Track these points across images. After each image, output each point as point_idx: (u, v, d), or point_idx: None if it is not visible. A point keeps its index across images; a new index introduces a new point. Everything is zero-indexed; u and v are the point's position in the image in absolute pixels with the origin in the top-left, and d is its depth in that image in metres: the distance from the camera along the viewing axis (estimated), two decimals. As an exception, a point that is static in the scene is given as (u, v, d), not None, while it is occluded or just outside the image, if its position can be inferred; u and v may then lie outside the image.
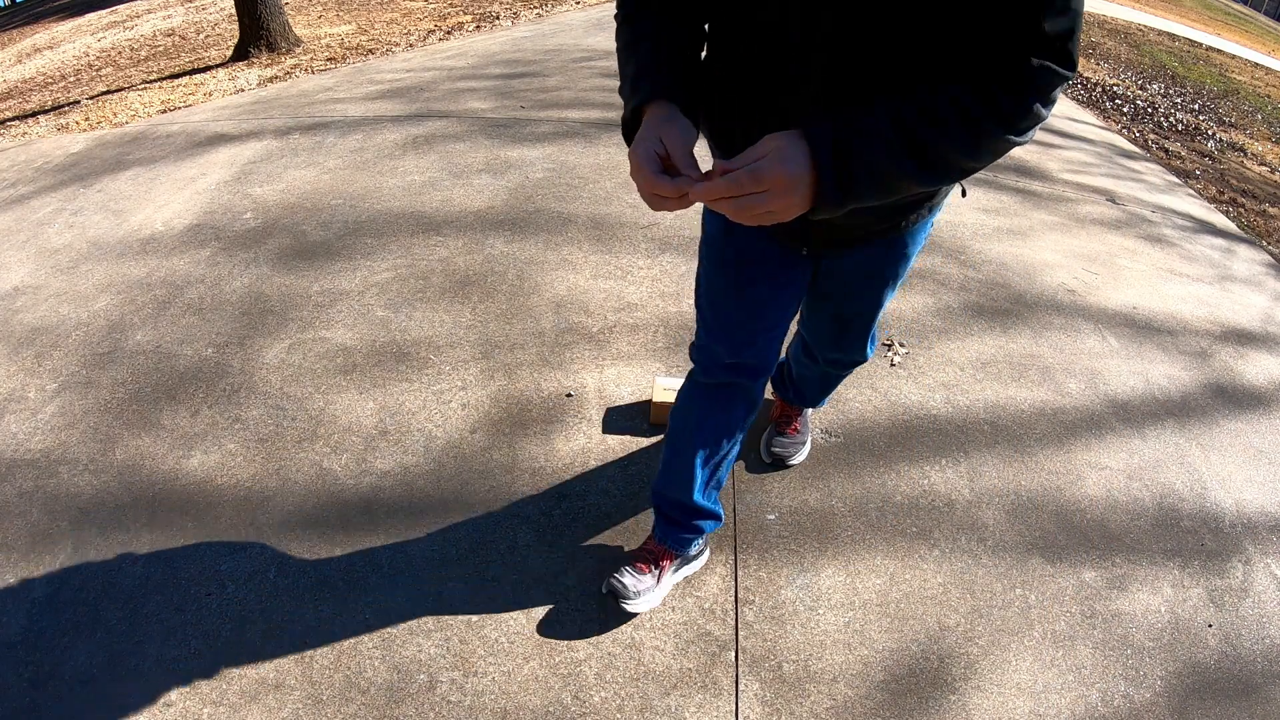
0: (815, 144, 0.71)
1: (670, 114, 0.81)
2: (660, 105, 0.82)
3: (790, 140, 0.72)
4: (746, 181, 0.70)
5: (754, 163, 0.71)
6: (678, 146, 0.77)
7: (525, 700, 1.35)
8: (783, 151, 0.71)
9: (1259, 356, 2.37)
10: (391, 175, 3.17)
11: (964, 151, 0.76)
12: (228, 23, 6.78)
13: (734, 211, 0.72)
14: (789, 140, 0.72)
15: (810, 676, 1.39)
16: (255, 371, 2.11)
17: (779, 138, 0.72)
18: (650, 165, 0.76)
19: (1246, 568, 1.65)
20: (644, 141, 0.78)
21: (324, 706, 1.34)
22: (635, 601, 1.43)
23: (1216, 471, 1.89)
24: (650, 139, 0.78)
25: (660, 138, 0.78)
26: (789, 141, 0.72)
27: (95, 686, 1.39)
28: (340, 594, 1.53)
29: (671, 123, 0.79)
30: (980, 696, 1.37)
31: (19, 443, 1.92)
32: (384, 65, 4.90)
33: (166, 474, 1.81)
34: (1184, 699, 1.39)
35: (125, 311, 2.39)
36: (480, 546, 1.62)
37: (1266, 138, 5.60)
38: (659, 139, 0.78)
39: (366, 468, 1.80)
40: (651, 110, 0.82)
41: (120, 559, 1.61)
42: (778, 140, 0.72)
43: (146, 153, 3.59)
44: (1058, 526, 1.70)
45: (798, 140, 0.72)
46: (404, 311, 2.33)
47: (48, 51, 7.74)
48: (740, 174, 0.70)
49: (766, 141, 0.72)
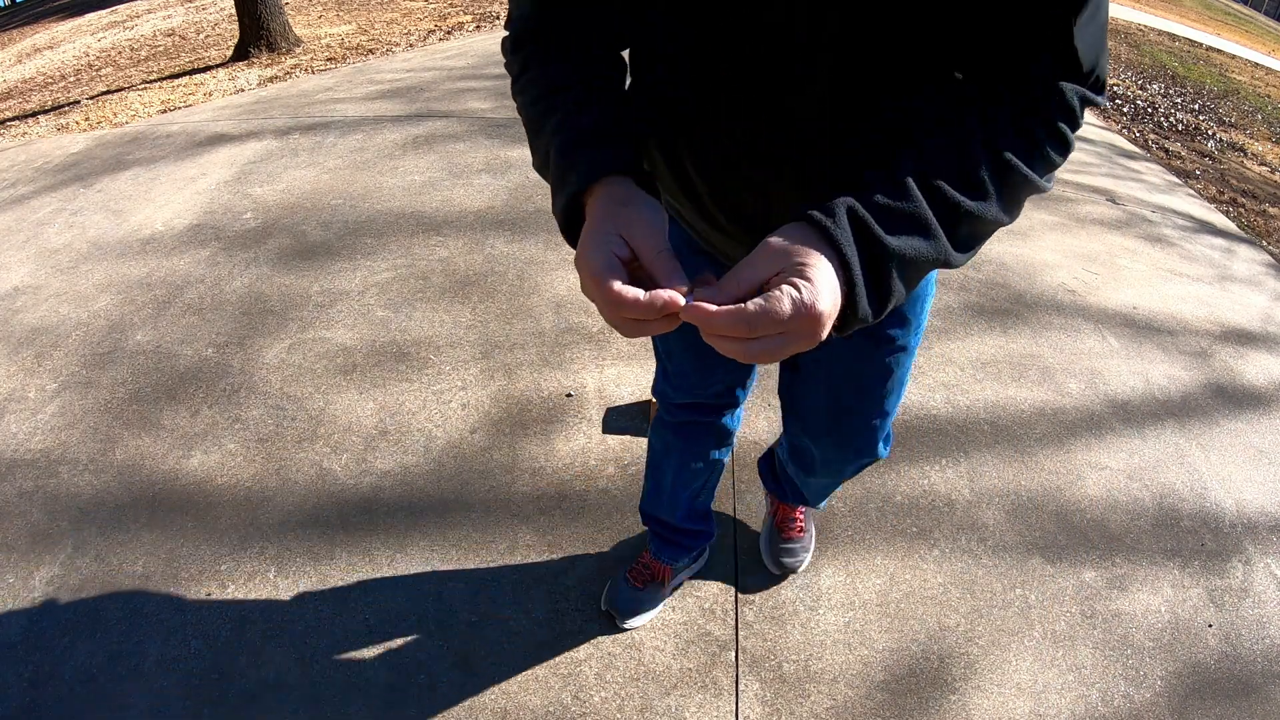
0: (844, 257, 0.52)
1: (627, 194, 0.58)
2: (611, 184, 0.59)
3: (812, 260, 0.51)
4: (762, 322, 0.48)
5: (771, 301, 0.49)
6: (650, 243, 0.54)
7: (525, 700, 1.35)
8: (809, 282, 0.49)
9: (1259, 356, 2.37)
10: (391, 175, 3.17)
11: (1006, 213, 0.61)
12: (228, 23, 6.78)
13: (740, 354, 0.50)
14: (810, 258, 0.51)
15: (810, 676, 1.39)
16: (255, 371, 2.11)
17: (792, 253, 0.51)
18: (615, 277, 0.52)
19: (1246, 568, 1.65)
20: (600, 244, 0.54)
21: (324, 706, 1.34)
22: (633, 619, 1.45)
23: (1216, 471, 1.89)
24: (607, 239, 0.55)
25: (622, 235, 0.55)
26: (811, 261, 0.50)
27: (95, 686, 1.39)
28: (340, 594, 1.53)
29: (633, 208, 0.57)
30: (980, 696, 1.37)
31: (19, 443, 1.92)
32: (384, 65, 4.90)
33: (166, 474, 1.81)
34: (1184, 699, 1.39)
35: (125, 311, 2.39)
36: (480, 546, 1.62)
37: (1266, 138, 5.60)
38: (619, 237, 0.55)
39: (366, 468, 1.80)
40: (600, 194, 0.59)
41: (120, 559, 1.61)
42: (794, 259, 0.51)
43: (146, 153, 3.59)
44: (1058, 526, 1.70)
45: (819, 256, 0.51)
46: (404, 311, 2.33)
47: (48, 51, 7.74)
48: (756, 315, 0.48)
49: (773, 255, 0.52)
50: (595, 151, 0.61)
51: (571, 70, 0.69)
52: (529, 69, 0.71)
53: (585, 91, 0.67)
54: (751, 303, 0.48)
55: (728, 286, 0.51)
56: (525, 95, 0.70)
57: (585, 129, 0.63)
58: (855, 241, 0.53)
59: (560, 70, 0.69)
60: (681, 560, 1.49)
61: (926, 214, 0.56)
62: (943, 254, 0.57)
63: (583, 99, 0.66)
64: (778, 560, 1.54)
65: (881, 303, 0.55)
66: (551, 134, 0.65)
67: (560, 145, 0.63)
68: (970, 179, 0.58)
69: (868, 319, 0.54)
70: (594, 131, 0.63)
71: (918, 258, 0.55)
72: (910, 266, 0.55)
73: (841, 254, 0.52)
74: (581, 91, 0.67)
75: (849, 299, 0.52)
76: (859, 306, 0.53)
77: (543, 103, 0.68)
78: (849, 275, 0.52)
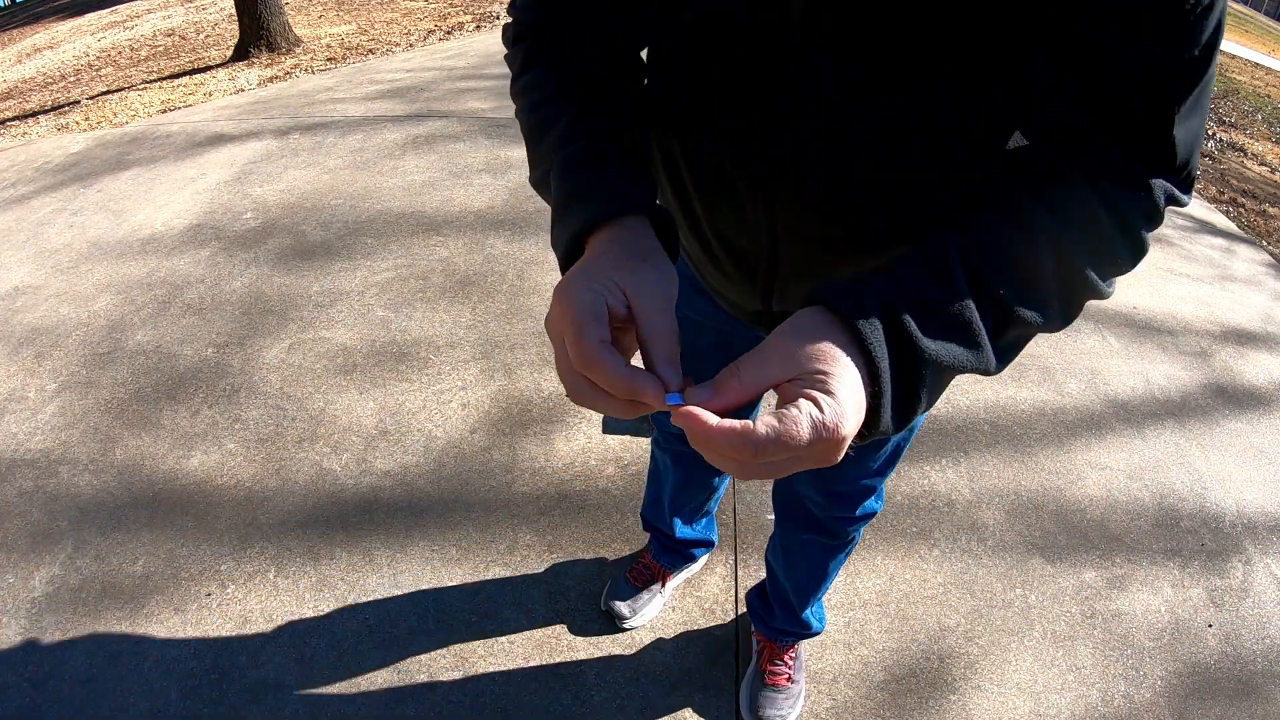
0: (874, 365, 0.42)
1: (644, 245, 0.48)
2: (627, 228, 0.49)
3: (836, 369, 0.41)
4: (772, 448, 0.39)
5: (786, 423, 0.39)
6: (654, 315, 0.44)
7: (525, 700, 1.35)
8: (832, 398, 0.40)
9: (1259, 356, 2.37)
10: (391, 175, 3.17)
11: (1061, 321, 0.50)
12: (228, 23, 6.78)
13: (737, 472, 0.42)
14: (833, 367, 0.41)
15: (810, 676, 1.39)
16: (255, 371, 2.11)
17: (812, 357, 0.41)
18: (598, 329, 0.43)
19: (1246, 568, 1.65)
20: (593, 285, 0.44)
21: (324, 706, 1.34)
22: (632, 619, 1.45)
23: (1216, 471, 1.89)
24: (605, 284, 0.45)
25: (625, 290, 0.45)
26: (834, 371, 0.41)
27: (95, 686, 1.39)
28: (340, 594, 1.53)
29: (648, 268, 0.47)
30: (980, 696, 1.37)
31: (19, 443, 1.92)
32: (384, 65, 4.90)
33: (166, 474, 1.81)
34: (1184, 699, 1.39)
35: (125, 311, 2.39)
36: (480, 546, 1.62)
37: (1266, 138, 5.60)
38: (621, 290, 0.45)
39: (366, 468, 1.80)
40: (610, 235, 0.49)
41: (120, 559, 1.61)
42: (813, 364, 0.41)
43: (146, 153, 3.59)
44: (1058, 526, 1.70)
45: (844, 363, 0.41)
46: (404, 311, 2.33)
47: (48, 51, 7.74)
48: (766, 440, 0.39)
49: (788, 357, 0.41)
50: (608, 181, 0.52)
51: (579, 72, 0.61)
52: (531, 67, 0.63)
53: (594, 101, 0.58)
54: (762, 423, 0.39)
55: (728, 387, 0.41)
56: (525, 97, 0.62)
57: (594, 151, 0.53)
58: (888, 342, 0.43)
59: (566, 72, 0.61)
60: (681, 565, 1.50)
61: (973, 317, 0.45)
62: (983, 364, 0.46)
63: (590, 109, 0.57)
64: (757, 713, 1.30)
65: (907, 416, 0.45)
66: (555, 147, 0.56)
67: (565, 164, 0.54)
68: (1030, 279, 0.47)
69: (888, 432, 0.45)
70: (601, 155, 0.53)
71: (954, 366, 0.45)
72: (944, 375, 0.45)
73: (871, 361, 0.42)
74: (588, 100, 0.58)
75: (872, 410, 0.43)
76: (881, 420, 0.43)
77: (545, 109, 0.59)
78: (877, 386, 0.42)
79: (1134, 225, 0.50)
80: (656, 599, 1.47)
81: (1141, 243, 0.51)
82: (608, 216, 0.50)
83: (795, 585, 1.24)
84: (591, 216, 0.50)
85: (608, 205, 0.50)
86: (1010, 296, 0.46)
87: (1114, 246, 0.50)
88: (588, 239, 0.50)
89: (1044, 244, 0.48)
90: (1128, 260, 0.51)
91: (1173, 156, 0.49)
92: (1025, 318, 0.47)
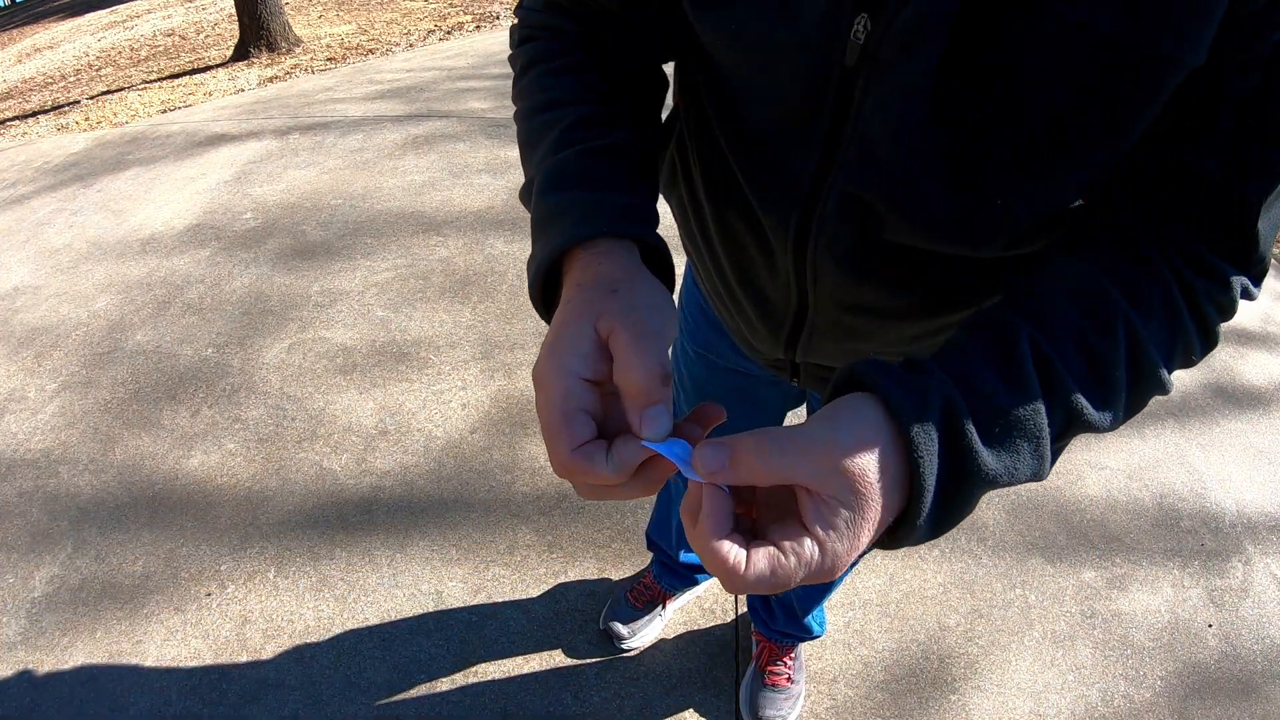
0: (920, 482, 0.35)
1: (624, 271, 0.41)
2: (605, 252, 0.42)
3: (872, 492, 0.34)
4: (760, 585, 0.34)
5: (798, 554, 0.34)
6: (639, 367, 0.36)
7: (525, 700, 1.35)
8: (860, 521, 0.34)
9: (1259, 356, 2.37)
10: (391, 175, 3.17)
11: (1120, 421, 0.43)
12: (228, 23, 6.78)
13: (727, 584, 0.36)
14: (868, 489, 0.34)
15: (810, 676, 1.39)
16: (255, 371, 2.11)
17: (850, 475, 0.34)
18: (566, 437, 0.36)
19: (1246, 568, 1.65)
20: (560, 367, 0.37)
21: (324, 706, 1.34)
22: (630, 640, 1.43)
23: (1216, 471, 1.89)
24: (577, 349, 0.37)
25: (601, 333, 0.38)
26: (868, 494, 0.34)
27: (95, 686, 1.39)
28: (340, 594, 1.53)
29: (628, 298, 0.39)
30: (980, 696, 1.37)
31: (19, 443, 1.92)
32: (384, 65, 4.90)
33: (166, 474, 1.81)
34: (1184, 699, 1.39)
35: (125, 311, 2.39)
36: (480, 546, 1.62)
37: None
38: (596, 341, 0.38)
39: (366, 468, 1.80)
40: (586, 262, 0.42)
41: (120, 559, 1.61)
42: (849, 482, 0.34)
43: (146, 153, 3.59)
44: (1058, 526, 1.70)
45: (879, 485, 0.34)
46: (404, 311, 2.33)
47: (48, 51, 7.74)
48: (756, 579, 0.34)
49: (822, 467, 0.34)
50: (590, 194, 0.44)
51: (584, 78, 0.53)
52: (533, 67, 0.56)
53: (599, 110, 0.50)
54: (761, 555, 0.34)
55: (744, 464, 0.35)
56: (524, 101, 0.56)
57: (583, 164, 0.46)
58: (940, 452, 0.35)
59: (569, 77, 0.53)
60: (682, 589, 1.47)
61: (1042, 424, 0.38)
62: (1039, 476, 0.39)
63: (593, 119, 0.49)
64: (757, 713, 1.30)
65: (938, 533, 0.38)
66: (543, 158, 0.49)
67: (547, 176, 0.46)
68: (1104, 377, 0.40)
69: (914, 544, 0.38)
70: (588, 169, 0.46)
71: (1010, 482, 0.38)
72: (991, 489, 0.37)
73: (919, 477, 0.35)
74: (592, 109, 0.50)
75: (900, 522, 0.37)
76: (908, 539, 0.37)
77: (541, 114, 0.52)
78: (916, 506, 0.35)
79: (1210, 320, 0.45)
80: (656, 621, 1.45)
81: (1215, 338, 0.46)
82: (584, 235, 0.43)
83: (798, 590, 1.24)
84: (565, 238, 0.43)
85: (582, 221, 0.43)
86: (1083, 399, 0.39)
87: (1188, 340, 0.44)
88: (564, 269, 0.43)
89: (1122, 336, 0.41)
90: (1198, 356, 0.46)
91: (1255, 250, 0.45)
92: (1093, 421, 0.40)
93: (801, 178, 0.52)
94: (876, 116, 0.46)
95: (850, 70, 0.45)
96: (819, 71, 0.46)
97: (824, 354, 0.68)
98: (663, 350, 0.37)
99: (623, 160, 0.48)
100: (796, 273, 0.59)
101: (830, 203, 0.52)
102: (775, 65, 0.49)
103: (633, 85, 0.56)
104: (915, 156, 0.46)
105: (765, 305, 0.66)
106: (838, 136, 0.48)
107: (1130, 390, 0.42)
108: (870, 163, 0.48)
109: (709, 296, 0.80)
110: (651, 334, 0.37)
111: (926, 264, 0.54)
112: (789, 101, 0.49)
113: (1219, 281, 0.44)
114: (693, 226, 0.69)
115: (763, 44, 0.48)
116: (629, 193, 0.46)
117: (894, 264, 0.54)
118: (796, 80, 0.48)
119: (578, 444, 0.36)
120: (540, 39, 0.58)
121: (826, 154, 0.50)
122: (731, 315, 0.74)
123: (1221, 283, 0.44)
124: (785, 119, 0.51)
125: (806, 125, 0.49)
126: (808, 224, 0.54)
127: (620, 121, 0.51)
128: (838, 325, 0.63)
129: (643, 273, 0.42)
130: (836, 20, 0.44)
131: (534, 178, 0.48)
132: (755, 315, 0.68)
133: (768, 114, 0.51)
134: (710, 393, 0.95)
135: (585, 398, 0.37)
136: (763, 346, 0.72)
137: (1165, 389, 0.44)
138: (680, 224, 0.74)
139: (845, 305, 0.60)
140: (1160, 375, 0.42)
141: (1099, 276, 0.43)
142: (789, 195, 0.53)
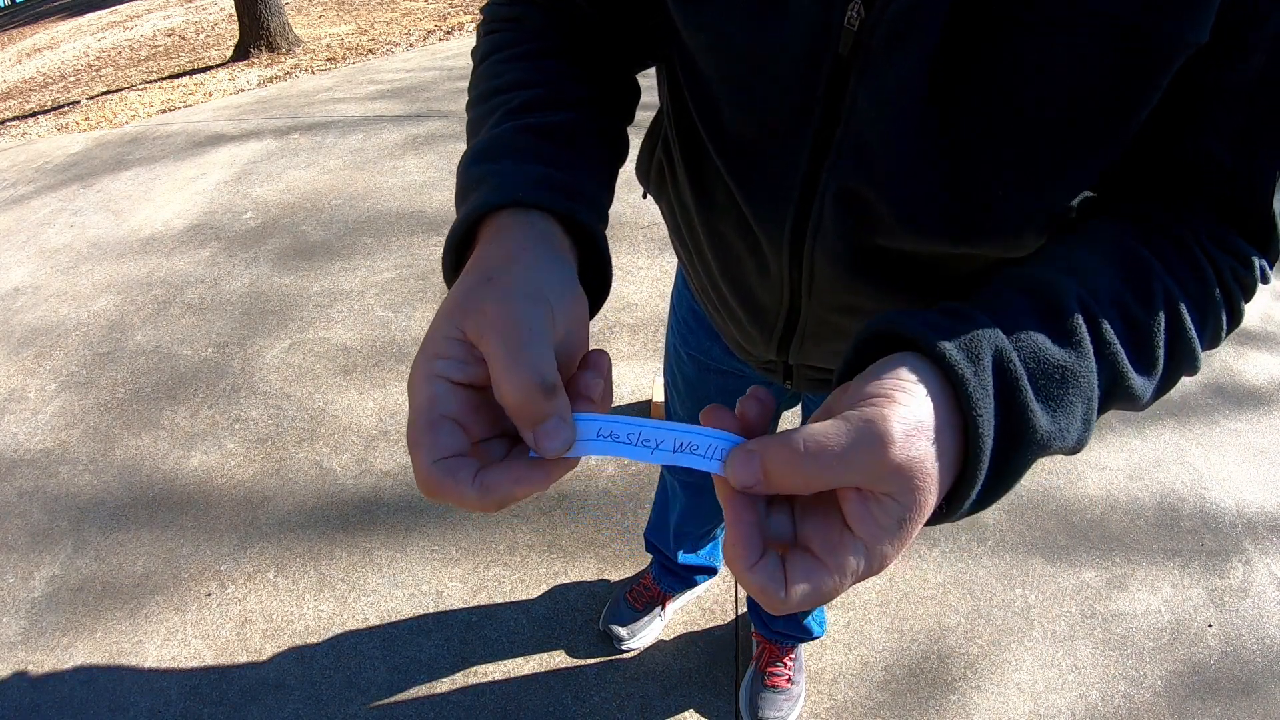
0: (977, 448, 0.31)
1: (513, 255, 0.36)
2: (506, 225, 0.38)
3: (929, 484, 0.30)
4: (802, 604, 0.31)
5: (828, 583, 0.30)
6: (511, 382, 0.31)
7: (525, 700, 1.35)
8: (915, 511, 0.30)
9: (1259, 356, 2.37)
10: (391, 175, 3.17)
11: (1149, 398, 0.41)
12: (228, 23, 6.78)
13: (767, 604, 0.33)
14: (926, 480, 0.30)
15: (810, 676, 1.39)
16: (255, 371, 2.11)
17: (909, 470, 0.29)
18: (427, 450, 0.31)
19: (1246, 568, 1.65)
20: (427, 370, 0.33)
21: (324, 706, 1.34)
22: (629, 641, 1.42)
23: (1216, 471, 1.89)
24: (443, 356, 0.33)
25: (476, 337, 0.33)
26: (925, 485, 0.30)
27: (95, 686, 1.39)
28: (340, 594, 1.53)
29: (512, 289, 0.34)
30: (980, 696, 1.37)
31: (19, 443, 1.92)
32: (384, 65, 4.90)
33: (167, 474, 1.81)
34: (1184, 699, 1.39)
35: (125, 311, 2.39)
36: (480, 546, 1.62)
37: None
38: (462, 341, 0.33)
39: (366, 468, 1.80)
40: (483, 241, 0.38)
41: (120, 559, 1.61)
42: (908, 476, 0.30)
43: (146, 153, 3.59)
44: (1058, 526, 1.70)
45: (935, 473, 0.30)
46: (404, 311, 2.33)
47: (48, 51, 7.74)
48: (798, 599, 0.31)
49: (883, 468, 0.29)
50: (514, 164, 0.40)
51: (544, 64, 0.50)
52: (489, 56, 0.52)
53: (548, 91, 0.47)
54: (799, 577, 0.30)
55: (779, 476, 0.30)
56: (475, 89, 0.51)
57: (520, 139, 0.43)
58: (996, 410, 0.32)
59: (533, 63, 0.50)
60: (681, 590, 1.46)
61: (1094, 381, 0.35)
62: (1081, 441, 0.36)
63: (541, 100, 0.46)
64: (757, 714, 1.30)
65: (985, 504, 0.34)
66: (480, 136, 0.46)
67: (478, 148, 0.43)
68: (1146, 343, 0.39)
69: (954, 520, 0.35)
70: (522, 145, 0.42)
71: (1061, 448, 0.35)
72: (1041, 455, 0.34)
73: (976, 440, 0.31)
74: (543, 91, 0.47)
75: (953, 492, 0.33)
76: (961, 508, 0.33)
77: (491, 100, 0.48)
78: (971, 474, 0.32)
79: (1236, 297, 0.44)
80: (656, 622, 1.45)
81: (1240, 316, 0.45)
82: (486, 207, 0.38)
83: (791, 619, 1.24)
84: (470, 213, 0.38)
85: (490, 192, 0.39)
86: (1130, 366, 0.37)
87: (1217, 315, 0.43)
88: (481, 232, 0.39)
89: (1161, 305, 0.39)
90: (1225, 334, 0.45)
91: (1273, 230, 0.44)
92: (1134, 391, 0.38)
93: (794, 176, 0.50)
94: (871, 109, 0.44)
95: (843, 61, 0.44)
96: (810, 62, 0.45)
97: (817, 356, 0.68)
98: (540, 353, 0.32)
99: (564, 139, 0.44)
100: (791, 274, 0.57)
101: (826, 201, 0.50)
102: (763, 59, 0.46)
103: (597, 75, 0.52)
104: (912, 150, 0.45)
105: (756, 307, 0.65)
106: (831, 132, 0.47)
107: (1168, 363, 0.40)
108: (866, 158, 0.47)
109: (700, 299, 0.79)
110: (525, 336, 0.32)
111: (924, 264, 0.53)
112: (778, 97, 0.47)
113: (1242, 260, 0.44)
114: (681, 230, 0.68)
115: (750, 37, 0.46)
116: (561, 167, 0.42)
117: (891, 264, 0.53)
118: (786, 73, 0.46)
119: (440, 455, 0.31)
120: (500, 30, 0.54)
121: (819, 151, 0.48)
122: (722, 318, 0.73)
123: (1244, 261, 0.44)
124: (774, 116, 0.48)
125: (797, 121, 0.48)
126: (803, 224, 0.53)
127: (571, 105, 0.47)
128: (830, 327, 0.62)
129: (531, 252, 0.36)
130: (829, 7, 0.43)
131: (464, 153, 0.45)
132: (746, 317, 0.67)
133: (755, 112, 0.49)
134: (703, 394, 0.94)
135: (453, 404, 0.32)
136: (755, 349, 0.72)
137: (1196, 365, 0.42)
138: (670, 228, 0.73)
139: (839, 306, 0.59)
140: (1195, 349, 0.41)
141: (1135, 244, 0.41)
142: (782, 195, 0.52)
